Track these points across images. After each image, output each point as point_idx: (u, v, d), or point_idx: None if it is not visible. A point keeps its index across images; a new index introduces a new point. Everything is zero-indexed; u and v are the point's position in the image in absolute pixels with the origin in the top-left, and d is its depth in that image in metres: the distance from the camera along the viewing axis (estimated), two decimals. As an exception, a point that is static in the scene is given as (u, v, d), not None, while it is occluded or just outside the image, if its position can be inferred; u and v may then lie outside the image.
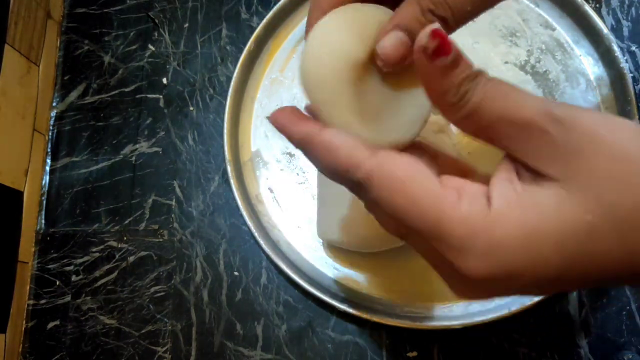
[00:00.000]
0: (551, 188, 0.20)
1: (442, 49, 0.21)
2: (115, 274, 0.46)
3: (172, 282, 0.45)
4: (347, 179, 0.23)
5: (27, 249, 0.47)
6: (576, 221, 0.20)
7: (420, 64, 0.22)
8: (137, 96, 0.50)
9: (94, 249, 0.47)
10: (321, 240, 0.44)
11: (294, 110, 0.25)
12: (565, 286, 0.22)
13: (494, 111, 0.21)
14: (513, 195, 0.21)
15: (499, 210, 0.20)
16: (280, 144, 0.47)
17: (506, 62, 0.47)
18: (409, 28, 0.23)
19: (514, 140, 0.21)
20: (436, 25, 0.21)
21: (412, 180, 0.21)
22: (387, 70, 0.24)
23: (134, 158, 0.49)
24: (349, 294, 0.43)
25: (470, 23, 0.25)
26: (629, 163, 0.19)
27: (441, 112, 0.23)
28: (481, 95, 0.21)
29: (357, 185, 0.23)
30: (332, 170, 0.23)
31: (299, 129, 0.24)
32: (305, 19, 0.49)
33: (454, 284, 0.23)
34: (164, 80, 0.50)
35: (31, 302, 0.46)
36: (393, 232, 0.24)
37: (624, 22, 0.48)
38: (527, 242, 0.20)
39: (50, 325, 0.45)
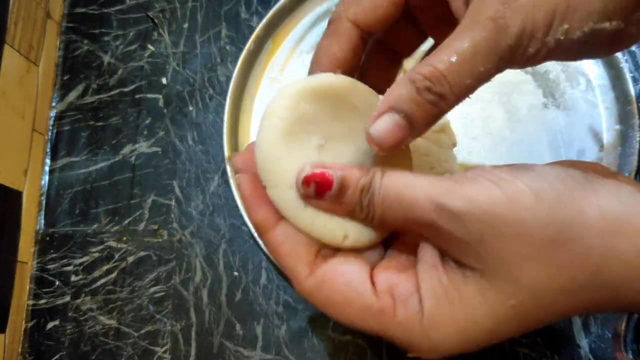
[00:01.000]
0: (473, 278, 0.21)
1: (323, 186, 0.22)
2: (115, 274, 0.46)
3: (172, 282, 0.45)
4: (292, 282, 0.24)
5: (26, 249, 0.46)
6: (502, 308, 0.21)
7: (313, 204, 0.23)
8: (137, 96, 0.50)
9: (94, 249, 0.47)
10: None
11: (254, 179, 0.24)
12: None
13: (397, 217, 0.22)
14: (440, 291, 0.22)
15: (430, 312, 0.22)
16: (280, 144, 0.47)
17: (506, 62, 0.47)
18: (405, 110, 0.22)
19: (427, 235, 0.22)
20: (306, 170, 0.22)
21: (347, 300, 0.22)
22: (383, 155, 0.24)
23: (133, 158, 0.49)
24: (348, 294, 0.43)
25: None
26: (532, 238, 0.20)
27: (360, 223, 0.24)
28: (380, 205, 0.22)
29: (299, 292, 0.24)
30: (281, 267, 0.25)
31: (256, 213, 0.24)
32: (305, 19, 0.49)
33: None
34: (164, 80, 0.50)
35: (31, 302, 0.46)
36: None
37: (624, 22, 0.48)
38: (461, 337, 0.22)
39: (50, 325, 0.45)
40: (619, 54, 0.44)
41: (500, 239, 0.20)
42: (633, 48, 0.47)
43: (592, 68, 0.46)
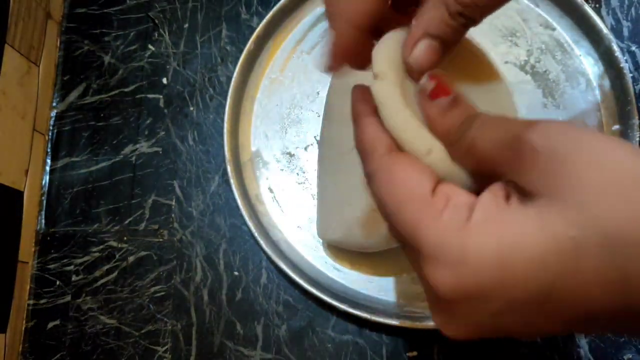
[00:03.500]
0: (535, 204, 0.19)
1: (442, 90, 0.22)
2: (115, 273, 0.46)
3: (172, 282, 0.45)
4: (364, 166, 0.23)
5: (27, 249, 0.47)
6: (559, 237, 0.18)
7: (422, 104, 0.22)
8: (137, 96, 0.50)
9: (94, 249, 0.47)
10: (321, 240, 0.44)
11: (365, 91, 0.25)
12: (549, 317, 0.19)
13: (486, 139, 0.21)
14: (493, 210, 0.20)
15: (476, 223, 0.19)
16: (280, 143, 0.47)
17: (506, 62, 0.47)
18: (439, 34, 0.22)
19: (507, 162, 0.20)
20: (436, 71, 0.22)
21: (404, 185, 0.21)
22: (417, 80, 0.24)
23: (134, 158, 0.49)
24: (349, 294, 0.43)
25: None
26: (621, 172, 0.18)
27: (446, 149, 0.23)
28: (477, 129, 0.21)
29: (366, 176, 0.23)
30: (357, 147, 0.24)
31: (358, 101, 0.25)
32: (305, 19, 0.49)
33: (433, 308, 0.22)
34: (164, 81, 0.50)
35: (31, 302, 0.46)
36: (394, 235, 0.24)
37: (624, 22, 0.48)
38: (500, 258, 0.18)
39: (50, 325, 0.45)
40: (619, 54, 0.44)
41: (585, 163, 0.18)
42: (633, 48, 0.47)
43: (592, 68, 0.46)
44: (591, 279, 0.17)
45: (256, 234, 0.43)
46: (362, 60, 0.26)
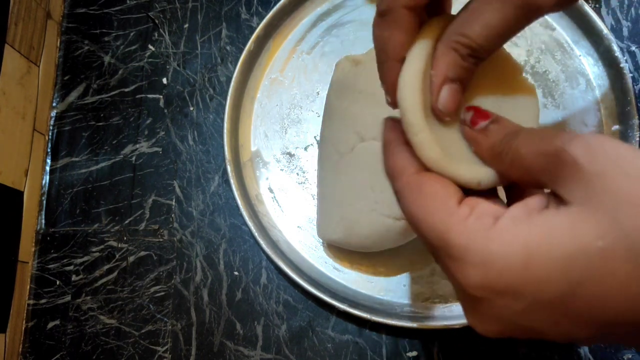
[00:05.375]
0: (567, 211, 0.20)
1: (481, 115, 0.25)
2: (115, 273, 0.46)
3: (172, 282, 0.45)
4: (392, 184, 0.25)
5: (27, 249, 0.47)
6: (587, 244, 0.19)
7: (466, 132, 0.25)
8: (137, 96, 0.50)
9: (94, 249, 0.47)
10: (321, 240, 0.44)
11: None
12: (574, 319, 0.20)
13: (530, 150, 0.22)
14: (522, 215, 0.21)
15: (502, 226, 0.21)
16: (280, 143, 0.47)
17: (506, 62, 0.47)
18: (457, 76, 0.25)
19: (548, 172, 0.21)
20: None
21: (432, 197, 0.23)
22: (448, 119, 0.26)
23: (134, 158, 0.49)
24: (349, 294, 0.43)
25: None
26: None
27: (491, 166, 0.24)
28: (521, 141, 0.23)
29: (395, 193, 0.25)
30: (386, 169, 0.26)
31: (389, 131, 0.26)
32: (305, 19, 0.49)
33: (465, 308, 0.23)
34: (164, 81, 0.50)
35: (31, 301, 0.46)
36: (426, 246, 0.25)
37: (624, 22, 0.48)
38: (526, 258, 0.19)
39: (50, 325, 0.45)
40: (619, 54, 0.44)
41: (619, 177, 0.19)
42: (633, 48, 0.47)
43: (592, 68, 0.46)
44: (615, 288, 0.18)
45: (256, 234, 0.43)
46: None
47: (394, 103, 0.26)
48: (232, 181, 0.45)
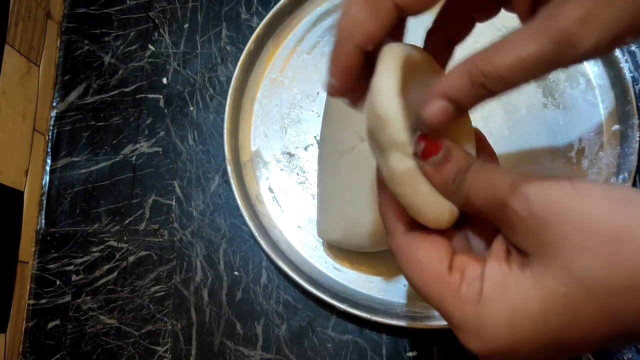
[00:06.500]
0: (530, 266, 0.22)
1: (432, 149, 0.24)
2: (116, 273, 0.46)
3: (172, 281, 0.45)
4: (388, 240, 0.26)
5: (27, 248, 0.47)
6: (553, 295, 0.21)
7: (419, 164, 0.24)
8: (137, 96, 0.50)
9: (94, 249, 0.47)
10: (321, 240, 0.44)
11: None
12: (567, 354, 0.22)
13: (478, 196, 0.24)
14: (498, 278, 0.22)
15: (487, 295, 0.22)
16: (280, 143, 0.47)
17: (506, 62, 0.47)
18: (455, 98, 0.24)
19: (497, 220, 0.23)
20: (424, 130, 0.24)
21: (425, 266, 0.24)
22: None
23: (134, 158, 0.49)
24: (349, 294, 0.43)
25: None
26: (595, 231, 0.20)
27: (449, 200, 0.25)
28: (469, 183, 0.24)
29: (390, 249, 0.26)
30: (382, 219, 0.27)
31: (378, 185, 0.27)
32: (305, 19, 0.49)
33: None
34: (164, 80, 0.50)
35: (31, 301, 0.46)
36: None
37: (624, 22, 0.48)
38: (511, 322, 0.21)
39: (51, 325, 0.45)
40: (619, 54, 0.44)
41: (563, 225, 0.20)
42: (633, 48, 0.47)
43: (592, 68, 0.46)
44: (588, 329, 0.21)
45: (256, 234, 0.43)
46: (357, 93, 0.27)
47: (340, 90, 0.25)
48: (232, 181, 0.45)
